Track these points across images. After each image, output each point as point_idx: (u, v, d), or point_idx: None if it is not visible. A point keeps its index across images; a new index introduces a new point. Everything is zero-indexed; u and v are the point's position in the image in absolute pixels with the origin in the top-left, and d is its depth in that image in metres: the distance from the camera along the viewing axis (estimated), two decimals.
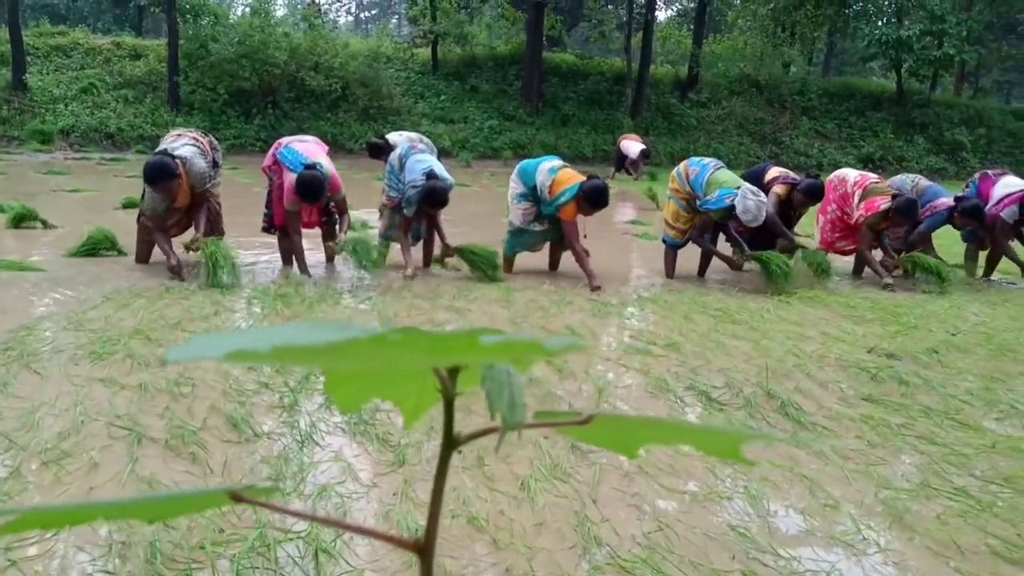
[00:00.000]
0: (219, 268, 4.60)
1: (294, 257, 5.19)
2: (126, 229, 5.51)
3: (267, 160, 5.21)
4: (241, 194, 9.71)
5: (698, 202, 5.31)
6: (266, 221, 5.37)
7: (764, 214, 5.11)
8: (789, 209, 5.86)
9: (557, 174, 5.25)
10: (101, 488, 2.14)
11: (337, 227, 5.35)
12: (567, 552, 1.95)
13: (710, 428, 0.37)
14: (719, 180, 5.22)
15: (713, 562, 1.95)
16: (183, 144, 4.90)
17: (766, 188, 5.72)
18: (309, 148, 5.10)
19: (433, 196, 4.99)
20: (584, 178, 5.15)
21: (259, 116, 17.08)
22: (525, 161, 5.65)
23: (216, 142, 5.31)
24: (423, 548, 0.37)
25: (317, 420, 2.67)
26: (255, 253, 5.85)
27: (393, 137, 6.09)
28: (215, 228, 5.24)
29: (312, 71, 17.55)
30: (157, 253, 5.12)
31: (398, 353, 0.30)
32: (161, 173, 4.63)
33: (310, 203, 4.98)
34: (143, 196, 4.97)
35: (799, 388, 3.27)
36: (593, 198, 5.07)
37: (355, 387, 0.39)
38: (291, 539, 1.93)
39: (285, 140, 5.22)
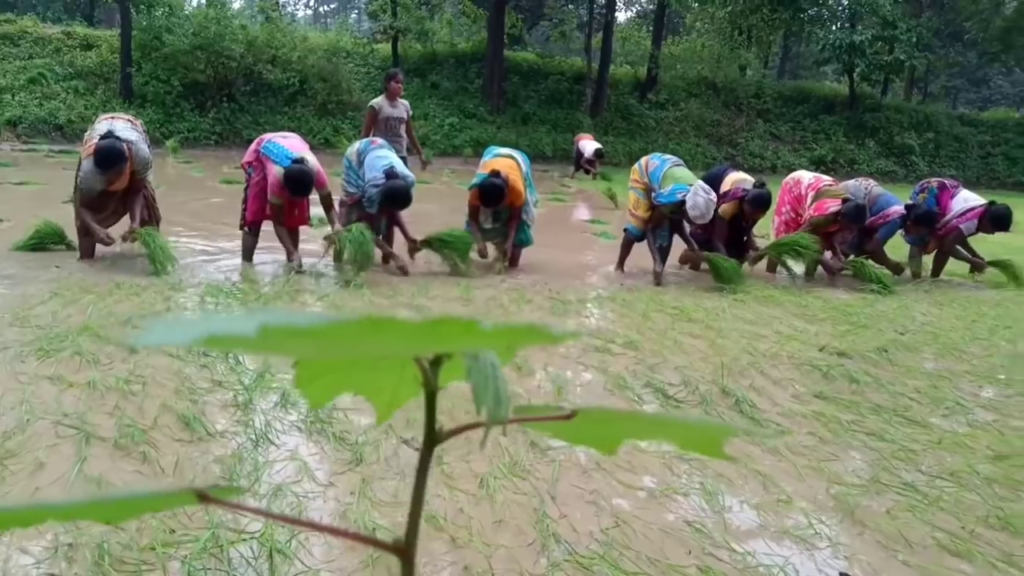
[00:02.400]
0: (159, 260, 4.71)
1: (282, 246, 5.19)
2: (75, 223, 5.37)
3: (248, 156, 5.20)
4: (196, 188, 9.53)
5: (653, 194, 5.43)
6: (241, 218, 5.31)
7: (712, 212, 5.22)
8: (741, 221, 5.94)
9: (488, 157, 5.67)
10: (47, 488, 2.07)
11: (329, 222, 5.36)
12: (526, 549, 1.95)
13: (693, 423, 0.37)
14: (675, 175, 5.35)
15: (669, 557, 1.97)
16: (124, 127, 4.85)
17: (721, 197, 5.79)
18: (293, 143, 5.10)
19: (395, 196, 4.98)
20: (507, 175, 5.30)
21: (214, 109, 16.76)
22: (492, 146, 6.05)
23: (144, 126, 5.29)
24: (405, 551, 0.36)
25: (272, 419, 2.63)
26: (214, 248, 5.74)
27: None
28: (152, 215, 5.21)
29: (269, 64, 17.28)
30: (102, 248, 5.02)
31: (391, 338, 0.28)
32: (117, 158, 4.62)
33: (299, 197, 4.99)
34: (75, 187, 4.91)
35: (753, 386, 3.32)
36: (483, 196, 5.30)
37: (328, 382, 0.38)
38: (244, 539, 1.89)
39: (267, 136, 5.21)
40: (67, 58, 17.20)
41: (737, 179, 5.87)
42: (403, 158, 7.08)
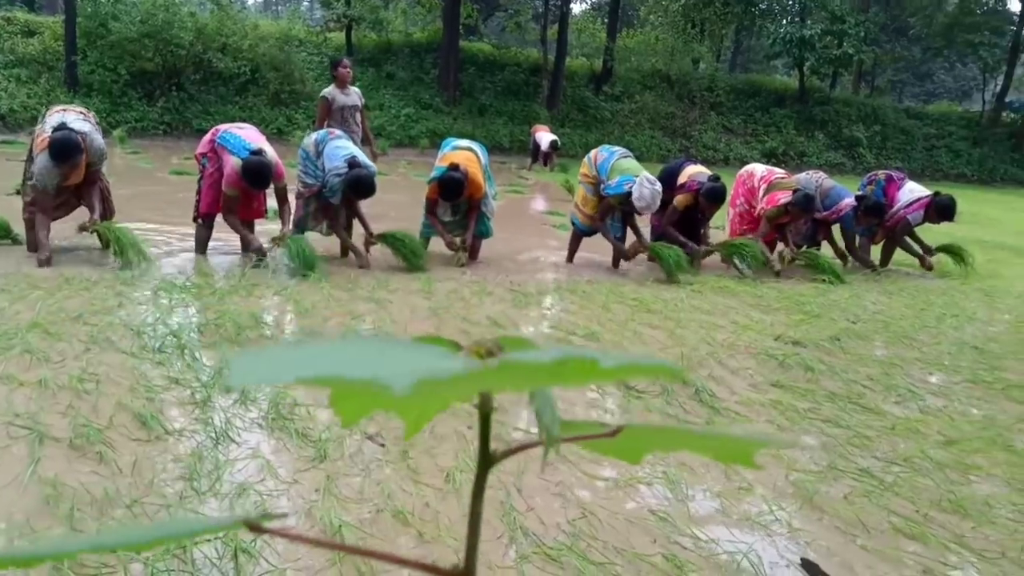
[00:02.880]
0: (127, 252, 4.62)
1: (239, 236, 5.13)
2: (22, 216, 5.20)
3: (202, 147, 5.10)
4: (145, 179, 9.29)
5: (601, 186, 5.48)
6: (195, 210, 5.20)
7: (658, 202, 5.30)
8: (696, 213, 6.02)
9: (447, 150, 5.58)
10: (1, 491, 2.01)
11: (280, 218, 5.25)
12: (494, 543, 1.96)
13: (726, 437, 0.37)
14: (622, 167, 5.41)
15: (635, 546, 1.99)
16: (76, 119, 4.72)
17: (678, 188, 5.87)
18: (250, 134, 5.02)
19: (359, 186, 4.94)
20: (466, 168, 5.24)
21: (163, 99, 16.34)
22: (449, 137, 5.99)
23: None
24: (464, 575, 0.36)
25: (232, 416, 2.59)
26: (165, 241, 5.61)
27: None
28: (108, 208, 5.08)
29: (220, 53, 16.90)
30: (56, 239, 4.88)
31: (523, 377, 0.28)
32: (73, 150, 4.49)
33: (257, 189, 4.94)
34: (25, 178, 4.78)
35: (712, 375, 3.38)
36: (443, 190, 5.21)
37: (361, 401, 0.38)
38: (208, 540, 1.86)
39: (223, 127, 5.12)
40: (7, 45, 16.57)
41: (694, 172, 5.96)
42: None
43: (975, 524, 2.21)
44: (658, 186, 5.27)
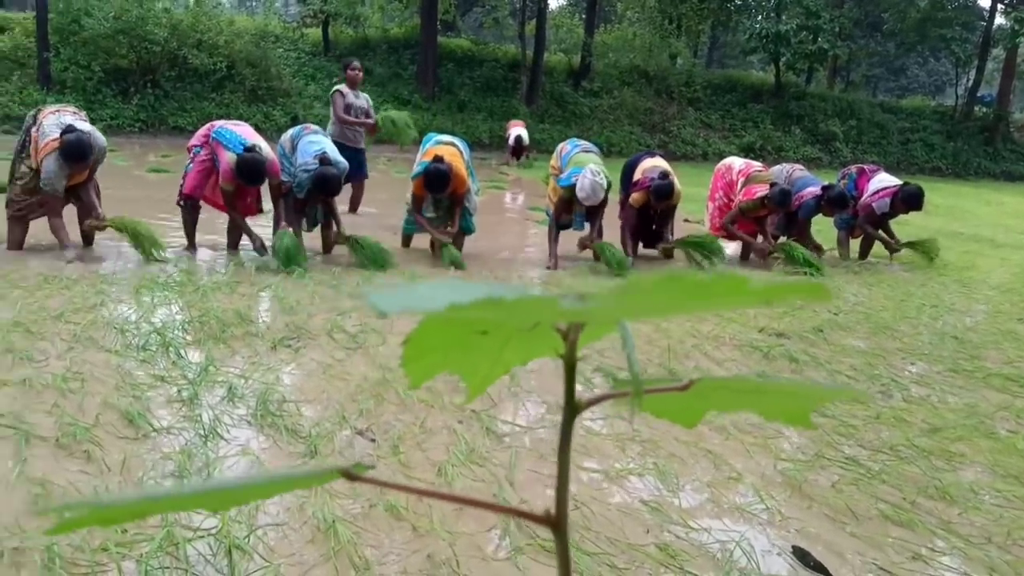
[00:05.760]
0: (145, 243, 4.81)
1: (243, 230, 5.12)
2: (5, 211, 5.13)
3: (196, 139, 5.13)
4: (121, 177, 9.18)
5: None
6: (179, 192, 5.20)
7: (601, 194, 5.27)
8: (650, 211, 5.96)
9: (429, 145, 5.57)
10: None
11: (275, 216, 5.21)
12: (487, 535, 1.96)
13: (797, 386, 0.38)
14: (577, 160, 5.46)
15: (629, 537, 2.01)
16: (75, 119, 4.73)
17: (633, 186, 5.84)
18: (246, 131, 5.03)
19: (324, 183, 4.88)
20: (450, 161, 5.21)
21: (138, 96, 16.14)
22: (431, 132, 5.96)
23: None
24: (556, 522, 0.37)
25: (220, 413, 2.57)
26: None
27: None
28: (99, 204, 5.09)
29: (195, 49, 16.71)
30: (35, 237, 4.84)
31: (680, 293, 0.28)
32: (88, 151, 4.53)
33: (251, 185, 4.96)
34: (11, 179, 4.77)
35: (699, 367, 3.41)
36: (429, 182, 5.17)
37: (430, 362, 0.38)
38: (201, 536, 1.85)
39: (218, 123, 5.13)
40: None
41: (648, 167, 5.82)
42: (361, 150, 7.09)
43: (961, 510, 2.25)
44: (600, 177, 5.21)
